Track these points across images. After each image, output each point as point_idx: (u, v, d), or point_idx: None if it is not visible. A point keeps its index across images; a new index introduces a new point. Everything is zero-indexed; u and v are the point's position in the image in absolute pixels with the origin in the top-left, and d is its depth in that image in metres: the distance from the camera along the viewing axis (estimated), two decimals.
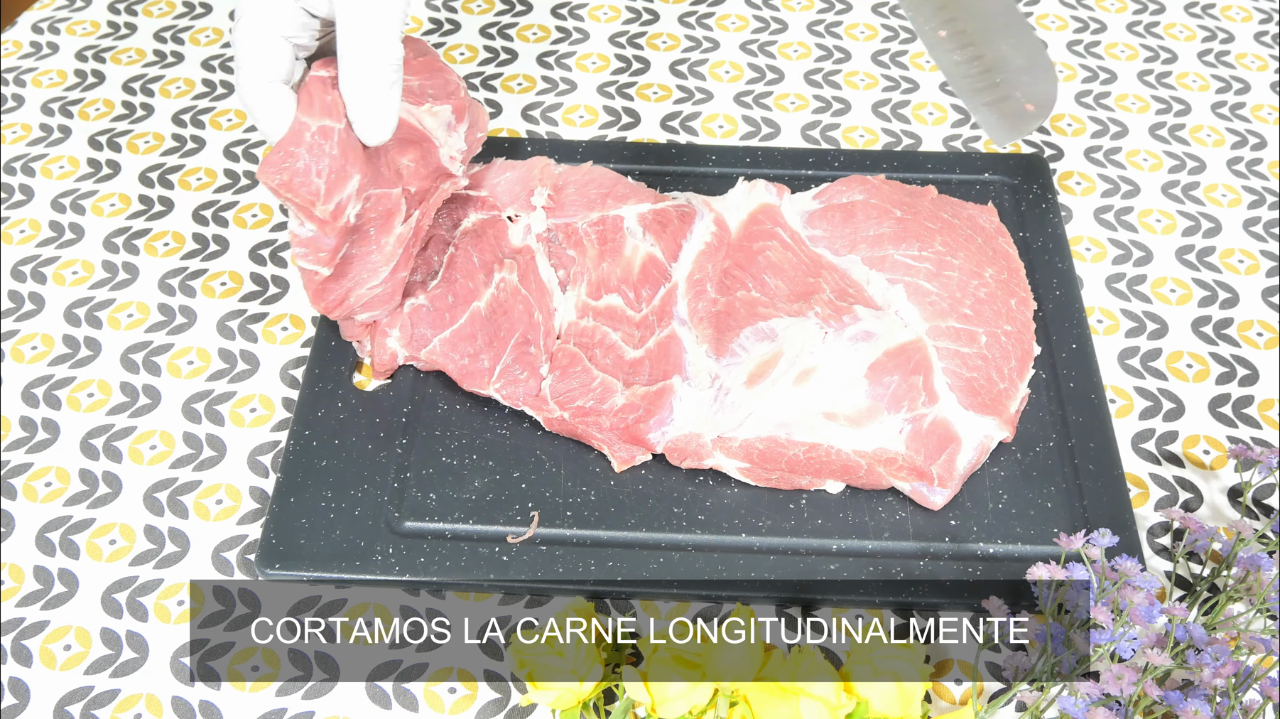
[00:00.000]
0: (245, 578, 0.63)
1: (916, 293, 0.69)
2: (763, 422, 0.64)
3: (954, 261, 0.70)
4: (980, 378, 0.66)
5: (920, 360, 0.65)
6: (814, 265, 0.70)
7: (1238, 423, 0.70)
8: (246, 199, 0.82)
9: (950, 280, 0.69)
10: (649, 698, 0.54)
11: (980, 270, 0.71)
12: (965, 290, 0.69)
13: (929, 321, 0.68)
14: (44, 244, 0.79)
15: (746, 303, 0.68)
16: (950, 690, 0.59)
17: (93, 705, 0.59)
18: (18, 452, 0.68)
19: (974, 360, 0.67)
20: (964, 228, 0.73)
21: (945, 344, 0.67)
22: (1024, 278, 0.73)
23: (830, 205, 0.73)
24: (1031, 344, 0.69)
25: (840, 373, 0.64)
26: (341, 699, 0.59)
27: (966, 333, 0.67)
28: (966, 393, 0.65)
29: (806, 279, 0.69)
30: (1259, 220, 0.81)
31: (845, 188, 0.74)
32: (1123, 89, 0.90)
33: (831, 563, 0.62)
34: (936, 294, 0.69)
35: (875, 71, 0.91)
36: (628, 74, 0.91)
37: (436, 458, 0.66)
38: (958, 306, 0.68)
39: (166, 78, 0.91)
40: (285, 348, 0.73)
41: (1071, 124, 0.87)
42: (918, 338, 0.66)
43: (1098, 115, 0.88)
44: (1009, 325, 0.69)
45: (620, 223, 0.72)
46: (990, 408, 0.65)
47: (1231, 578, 0.59)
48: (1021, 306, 0.70)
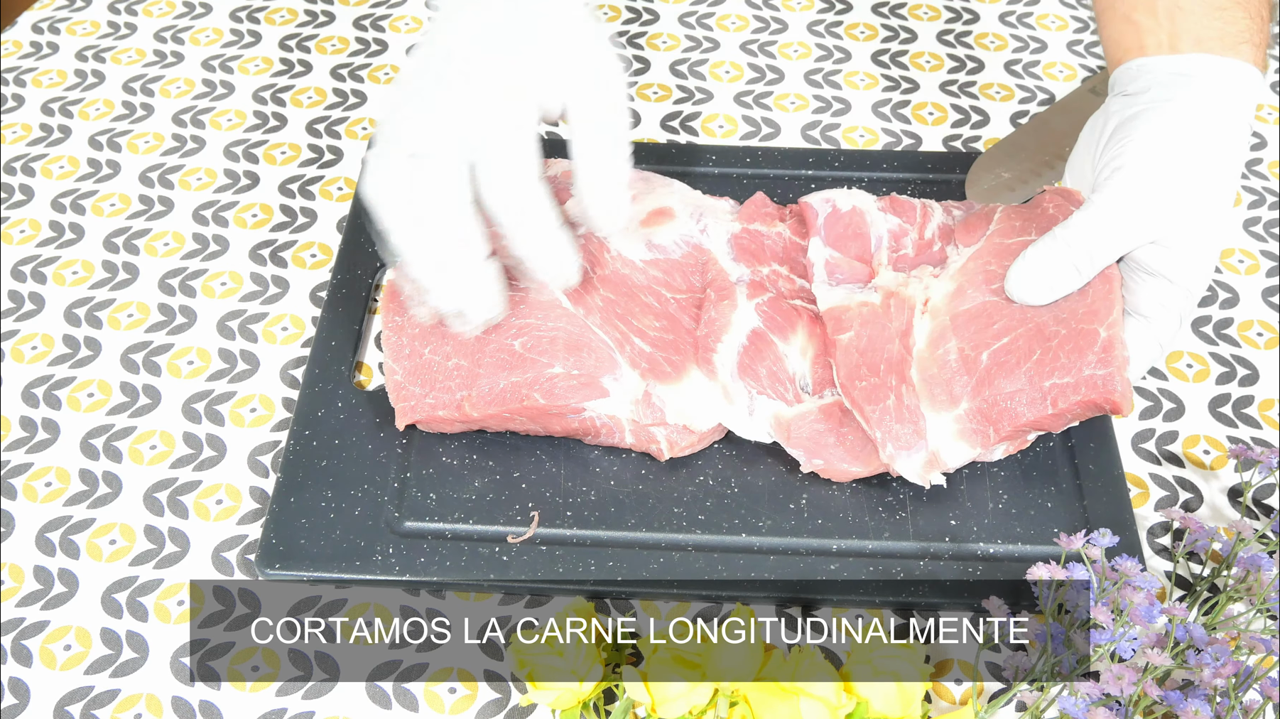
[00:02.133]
0: (245, 578, 0.63)
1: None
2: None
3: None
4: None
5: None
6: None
7: (1238, 423, 0.70)
8: (246, 199, 0.82)
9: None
10: (649, 698, 0.54)
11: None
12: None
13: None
14: (44, 244, 0.79)
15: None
16: (950, 690, 0.59)
17: (93, 705, 0.59)
18: (18, 452, 0.68)
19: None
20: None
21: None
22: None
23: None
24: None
25: None
26: (341, 699, 0.59)
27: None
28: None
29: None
30: (1259, 220, 0.81)
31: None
32: None
33: (831, 563, 0.62)
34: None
35: (875, 71, 0.91)
36: (628, 74, 0.91)
37: (436, 458, 0.66)
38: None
39: (166, 78, 0.91)
40: (285, 348, 0.73)
41: None
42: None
43: None
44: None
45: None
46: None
47: (1231, 578, 0.59)
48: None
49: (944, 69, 0.91)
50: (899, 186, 0.80)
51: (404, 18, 0.96)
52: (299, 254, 0.78)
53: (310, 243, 0.79)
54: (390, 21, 0.95)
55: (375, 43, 0.93)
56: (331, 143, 0.86)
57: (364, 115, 0.88)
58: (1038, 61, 0.92)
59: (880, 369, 0.65)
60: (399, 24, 0.95)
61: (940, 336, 0.66)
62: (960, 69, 0.91)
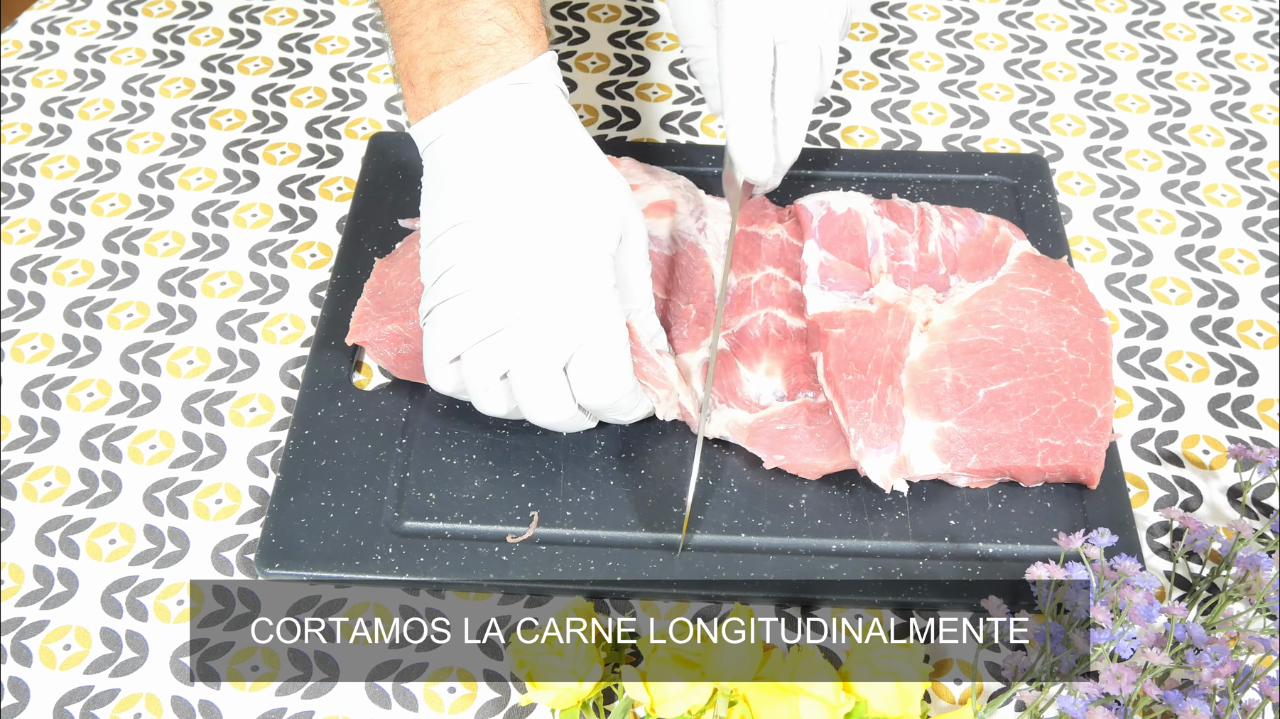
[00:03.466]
0: (245, 578, 0.63)
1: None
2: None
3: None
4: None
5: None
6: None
7: (1237, 423, 0.70)
8: (246, 199, 0.82)
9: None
10: (648, 698, 0.54)
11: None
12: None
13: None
14: (44, 244, 0.79)
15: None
16: (950, 690, 0.59)
17: (92, 705, 0.59)
18: (18, 451, 0.68)
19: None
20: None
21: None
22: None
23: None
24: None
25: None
26: (341, 699, 0.59)
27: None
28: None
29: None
30: (1259, 220, 0.81)
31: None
32: (1123, 89, 0.90)
33: (831, 563, 0.62)
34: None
35: (875, 71, 0.91)
36: (627, 74, 0.91)
37: (436, 458, 0.66)
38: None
39: (166, 78, 0.91)
40: (285, 348, 0.73)
41: (1071, 124, 0.87)
42: None
43: (1098, 115, 0.88)
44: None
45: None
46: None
47: (1231, 578, 0.59)
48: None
49: (943, 69, 0.91)
50: (899, 186, 0.80)
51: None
52: (299, 254, 0.78)
53: (310, 243, 0.79)
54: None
55: (375, 43, 0.93)
56: (331, 143, 0.86)
57: (364, 115, 0.88)
58: (1037, 61, 0.92)
59: (868, 368, 0.65)
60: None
61: (937, 358, 0.66)
62: (960, 69, 0.91)
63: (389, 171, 0.81)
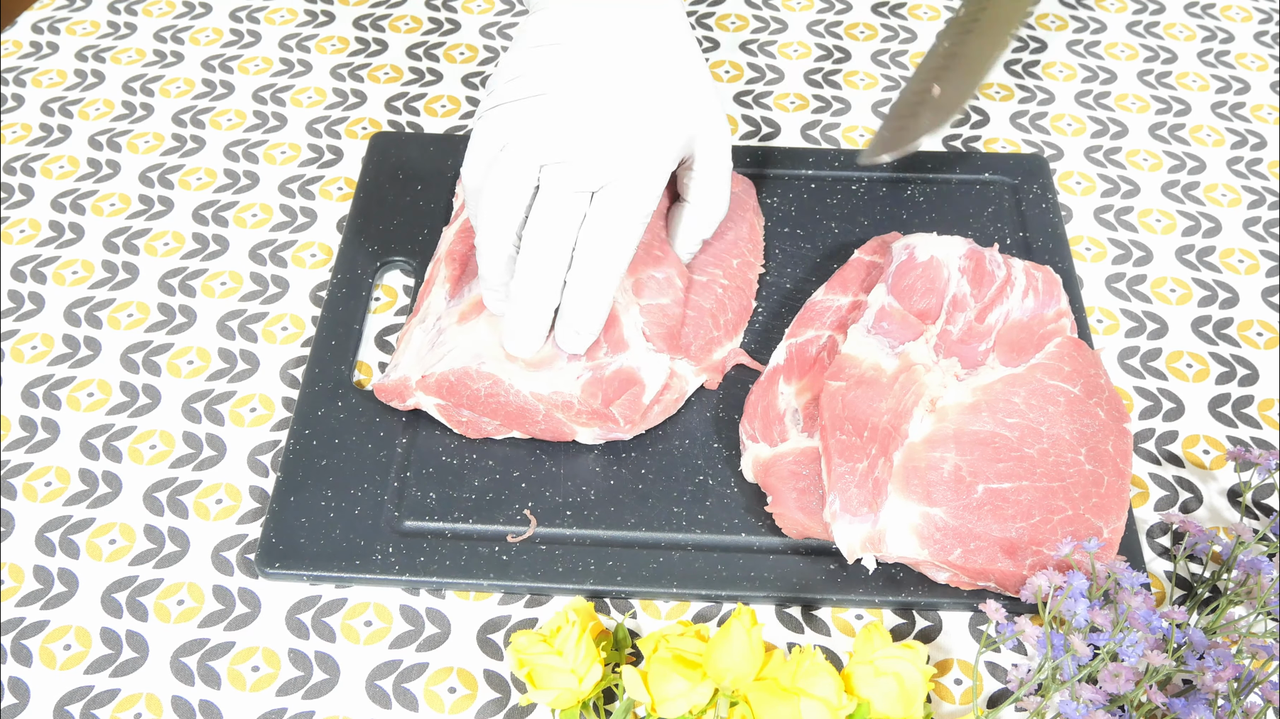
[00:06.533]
0: (245, 578, 0.63)
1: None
2: (461, 354, 0.65)
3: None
4: (679, 326, 0.68)
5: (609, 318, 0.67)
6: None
7: (1237, 423, 0.70)
8: (246, 199, 0.82)
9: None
10: (649, 698, 0.54)
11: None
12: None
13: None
14: (44, 244, 0.79)
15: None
16: (950, 690, 0.59)
17: (93, 705, 0.59)
18: (18, 451, 0.68)
19: (672, 309, 0.68)
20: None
21: (648, 300, 0.68)
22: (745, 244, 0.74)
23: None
24: (750, 299, 0.73)
25: None
26: (341, 699, 0.59)
27: (666, 281, 0.69)
28: (664, 339, 0.67)
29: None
30: (1259, 220, 0.81)
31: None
32: (1123, 89, 0.90)
33: (831, 563, 0.62)
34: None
35: (875, 71, 0.91)
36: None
37: (436, 458, 0.66)
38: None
39: (166, 78, 0.91)
40: (285, 348, 0.73)
41: (1071, 124, 0.87)
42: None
43: (1098, 115, 0.88)
44: (725, 280, 0.72)
45: None
46: (683, 350, 0.68)
47: (1232, 581, 0.59)
48: (744, 268, 0.73)
49: None
50: (899, 186, 0.80)
51: (404, 18, 0.96)
52: (299, 254, 0.78)
53: (310, 242, 0.79)
54: (390, 21, 0.95)
55: (375, 43, 0.93)
56: (331, 143, 0.86)
57: (364, 115, 0.88)
58: (1037, 61, 0.92)
59: (864, 434, 0.62)
60: (399, 24, 0.95)
61: (940, 442, 0.62)
62: None
63: (389, 171, 0.81)
